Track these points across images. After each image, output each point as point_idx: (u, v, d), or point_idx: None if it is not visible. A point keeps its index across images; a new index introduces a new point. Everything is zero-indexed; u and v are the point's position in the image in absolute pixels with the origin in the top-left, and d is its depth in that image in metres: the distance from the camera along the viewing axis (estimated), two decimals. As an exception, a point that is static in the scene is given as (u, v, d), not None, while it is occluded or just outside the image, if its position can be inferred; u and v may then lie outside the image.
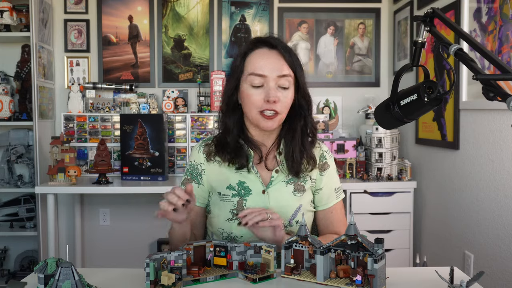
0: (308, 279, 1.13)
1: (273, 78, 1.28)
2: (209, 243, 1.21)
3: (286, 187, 1.37)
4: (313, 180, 1.41)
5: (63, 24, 3.37)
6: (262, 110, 1.28)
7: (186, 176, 1.42)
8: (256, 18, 3.42)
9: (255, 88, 1.29)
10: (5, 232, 3.07)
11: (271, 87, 1.27)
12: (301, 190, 1.38)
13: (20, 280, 1.16)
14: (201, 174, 1.40)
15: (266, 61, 1.29)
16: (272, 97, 1.26)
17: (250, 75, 1.29)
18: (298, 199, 1.38)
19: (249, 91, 1.30)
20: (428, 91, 1.00)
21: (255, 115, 1.30)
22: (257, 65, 1.29)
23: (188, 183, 1.37)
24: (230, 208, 1.35)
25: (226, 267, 1.19)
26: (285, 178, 1.37)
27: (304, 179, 1.39)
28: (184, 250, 1.13)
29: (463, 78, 2.36)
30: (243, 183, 1.35)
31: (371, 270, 1.04)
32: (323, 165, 1.43)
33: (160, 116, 3.00)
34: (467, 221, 2.38)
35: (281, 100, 1.29)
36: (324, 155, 1.44)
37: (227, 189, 1.36)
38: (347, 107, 3.46)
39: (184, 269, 1.13)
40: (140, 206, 3.39)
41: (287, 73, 1.29)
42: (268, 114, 1.28)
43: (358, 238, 1.07)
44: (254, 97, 1.29)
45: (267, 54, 1.31)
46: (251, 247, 1.18)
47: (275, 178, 1.36)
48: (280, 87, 1.29)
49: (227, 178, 1.36)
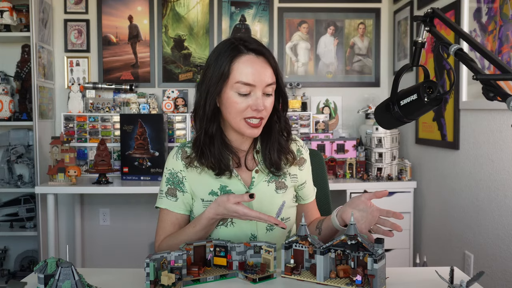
0: (308, 279, 1.13)
1: (261, 88, 1.25)
2: (209, 243, 1.20)
3: (268, 186, 1.36)
4: (292, 176, 1.41)
5: (63, 24, 3.37)
6: (247, 118, 1.26)
7: (169, 186, 1.38)
8: (256, 18, 3.42)
9: (241, 96, 1.25)
10: (5, 232, 3.07)
11: (259, 97, 1.25)
12: (282, 187, 1.38)
13: (20, 280, 1.16)
14: (182, 182, 1.36)
15: (254, 70, 1.24)
16: (261, 106, 1.25)
17: (237, 83, 1.24)
18: (281, 196, 1.38)
19: (235, 99, 1.25)
20: (428, 91, 1.00)
21: (239, 121, 1.27)
22: (246, 73, 1.24)
23: (175, 192, 1.36)
24: None
25: (226, 267, 1.18)
26: (266, 177, 1.37)
27: (284, 176, 1.39)
28: (184, 250, 1.13)
29: (463, 78, 2.36)
30: (225, 187, 1.33)
31: (371, 270, 1.04)
32: (300, 160, 1.44)
33: (160, 116, 3.00)
34: (467, 221, 2.38)
35: (267, 107, 1.28)
36: (300, 150, 1.45)
37: (209, 195, 1.33)
38: (347, 107, 3.46)
39: (184, 269, 1.13)
40: (140, 206, 3.39)
41: (272, 80, 1.28)
42: (254, 122, 1.27)
43: (358, 238, 1.07)
44: (240, 105, 1.25)
45: (255, 62, 1.26)
46: (251, 247, 1.18)
47: (256, 178, 1.35)
48: (264, 94, 1.27)
49: (209, 183, 1.34)
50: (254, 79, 1.24)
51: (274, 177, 1.38)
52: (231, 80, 1.25)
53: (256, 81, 1.24)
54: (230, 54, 1.25)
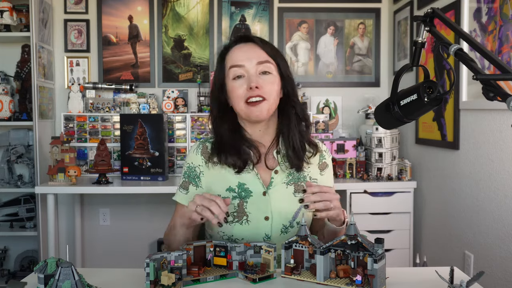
0: (308, 279, 1.13)
1: (252, 66, 1.30)
2: (209, 243, 1.20)
3: (287, 188, 1.36)
4: (313, 180, 1.40)
5: (63, 24, 3.37)
6: (247, 99, 1.29)
7: (184, 179, 1.40)
8: (256, 18, 3.42)
9: (237, 79, 1.31)
10: (5, 232, 3.07)
11: (252, 74, 1.30)
12: (301, 190, 1.37)
13: (20, 280, 1.16)
14: (199, 177, 1.38)
15: (243, 52, 1.33)
16: (253, 82, 1.28)
17: (231, 69, 1.32)
18: (299, 199, 1.37)
19: (232, 84, 1.32)
20: (428, 91, 1.00)
21: (242, 107, 1.31)
22: (234, 58, 1.32)
23: (188, 185, 1.37)
24: (231, 211, 1.34)
25: (226, 267, 1.18)
26: (285, 179, 1.36)
27: (304, 179, 1.38)
28: (184, 250, 1.13)
29: (463, 78, 2.36)
30: (243, 185, 1.34)
31: (371, 270, 1.04)
32: (322, 164, 1.43)
33: (160, 116, 3.00)
34: (467, 221, 2.38)
35: (264, 85, 1.29)
36: (323, 155, 1.44)
37: (227, 191, 1.34)
38: (347, 107, 3.46)
39: (184, 269, 1.13)
40: (140, 206, 3.39)
41: (265, 59, 1.32)
42: (254, 101, 1.29)
43: (358, 238, 1.07)
44: (238, 88, 1.30)
45: (243, 46, 1.34)
46: (251, 247, 1.18)
47: (274, 179, 1.35)
48: (261, 73, 1.31)
49: (227, 180, 1.35)
50: (241, 59, 1.31)
51: (294, 180, 1.37)
52: (227, 71, 1.34)
53: (244, 60, 1.31)
54: (223, 52, 1.37)
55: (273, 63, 1.33)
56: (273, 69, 1.33)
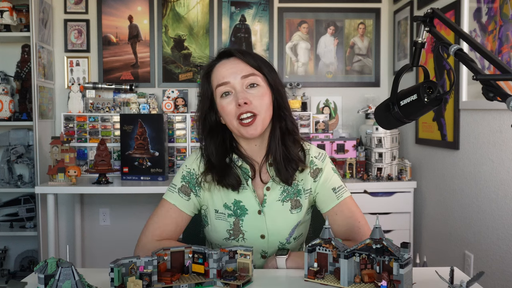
0: (331, 283, 1.09)
1: (238, 82, 1.26)
2: (188, 249, 1.14)
3: (283, 205, 1.33)
4: (307, 191, 1.36)
5: (63, 24, 3.37)
6: (239, 117, 1.25)
7: (184, 183, 1.35)
8: (256, 18, 3.42)
9: (225, 97, 1.27)
10: (5, 232, 3.07)
11: (238, 90, 1.25)
12: (297, 206, 1.35)
13: (20, 280, 1.16)
14: (200, 186, 1.35)
15: (226, 69, 1.28)
16: (241, 99, 1.23)
17: (217, 88, 1.28)
18: (296, 216, 1.34)
19: (222, 103, 1.27)
20: (428, 91, 1.00)
21: (235, 125, 1.26)
22: (219, 75, 1.28)
23: (189, 192, 1.35)
24: (227, 228, 1.32)
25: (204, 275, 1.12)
26: (279, 196, 1.33)
27: (298, 193, 1.35)
28: (155, 256, 1.07)
29: (463, 78, 2.36)
30: (239, 202, 1.32)
31: (397, 276, 1.00)
32: (315, 171, 1.38)
33: (160, 116, 3.00)
34: (467, 221, 2.38)
35: (254, 100, 1.25)
36: (313, 162, 1.38)
37: (223, 207, 1.32)
38: (347, 107, 3.46)
39: (155, 275, 1.06)
40: (140, 206, 3.39)
41: (249, 72, 1.27)
42: (246, 120, 1.25)
43: (384, 242, 1.03)
44: (228, 106, 1.26)
45: (226, 62, 1.30)
46: (226, 253, 1.12)
47: (267, 196, 1.32)
48: (248, 86, 1.27)
49: (224, 195, 1.33)
50: (225, 75, 1.27)
51: (289, 196, 1.34)
52: (214, 91, 1.30)
53: (228, 76, 1.27)
54: (206, 71, 1.33)
55: (259, 74, 1.28)
56: (260, 80, 1.28)
